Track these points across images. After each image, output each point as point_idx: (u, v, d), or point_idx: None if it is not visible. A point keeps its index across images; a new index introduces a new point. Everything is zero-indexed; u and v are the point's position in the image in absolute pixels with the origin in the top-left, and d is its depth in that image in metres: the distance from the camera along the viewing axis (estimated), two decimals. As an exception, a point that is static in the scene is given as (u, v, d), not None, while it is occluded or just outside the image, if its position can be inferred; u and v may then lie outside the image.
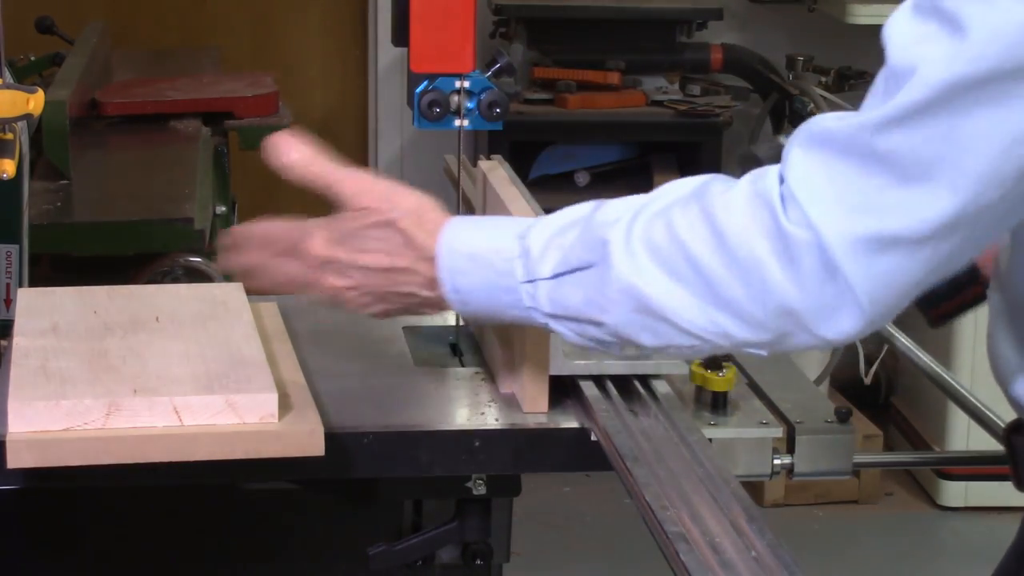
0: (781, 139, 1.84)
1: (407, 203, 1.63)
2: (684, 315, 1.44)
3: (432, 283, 1.59)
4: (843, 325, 1.40)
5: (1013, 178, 1.33)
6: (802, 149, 1.39)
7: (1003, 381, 1.60)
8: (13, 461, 1.63)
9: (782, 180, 1.39)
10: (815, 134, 1.39)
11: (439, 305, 1.62)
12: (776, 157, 1.60)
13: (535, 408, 1.83)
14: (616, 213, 1.48)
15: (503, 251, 1.54)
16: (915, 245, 1.36)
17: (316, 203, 1.74)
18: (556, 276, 1.51)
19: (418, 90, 1.94)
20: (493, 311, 1.57)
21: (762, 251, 1.39)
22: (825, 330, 1.40)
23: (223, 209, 3.56)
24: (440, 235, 1.58)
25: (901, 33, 1.35)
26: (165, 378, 1.73)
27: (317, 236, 1.67)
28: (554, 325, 1.53)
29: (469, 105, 1.94)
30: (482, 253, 1.56)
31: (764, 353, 1.47)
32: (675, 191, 1.47)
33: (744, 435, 1.83)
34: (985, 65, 1.30)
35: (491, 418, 1.84)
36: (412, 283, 1.61)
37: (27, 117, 1.92)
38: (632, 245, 1.45)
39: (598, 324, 1.50)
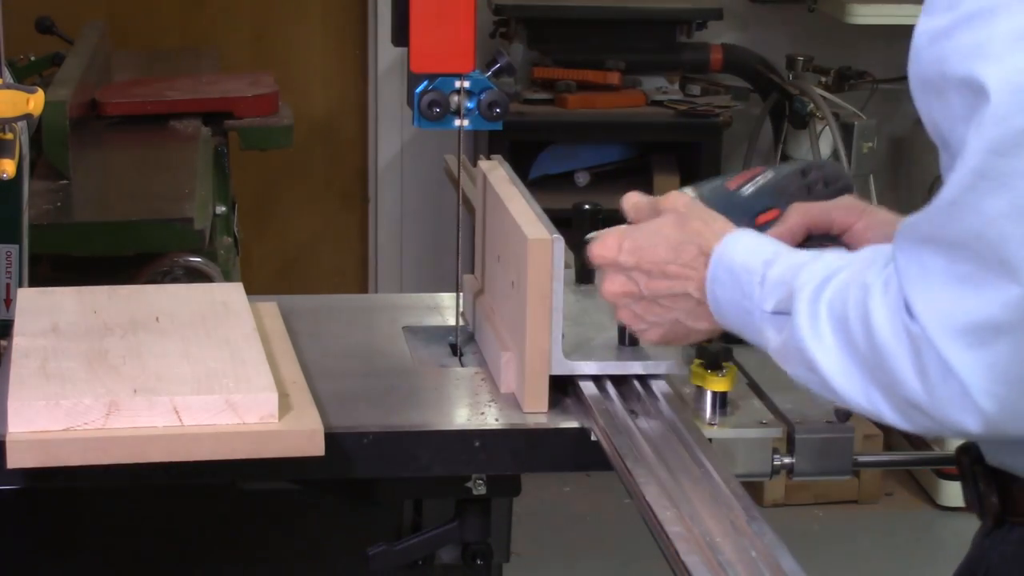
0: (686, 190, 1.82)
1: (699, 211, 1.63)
2: (842, 382, 1.43)
3: (703, 286, 1.57)
4: (967, 422, 1.36)
5: None
6: (898, 244, 1.38)
7: None
8: (13, 461, 1.63)
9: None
10: (904, 227, 1.38)
11: (708, 319, 1.60)
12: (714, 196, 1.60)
13: (535, 408, 1.83)
14: (815, 273, 1.48)
15: (752, 271, 1.53)
16: (1007, 332, 1.32)
17: (316, 204, 1.73)
18: (774, 313, 1.50)
19: (418, 90, 1.94)
20: (742, 328, 1.55)
21: (894, 345, 1.37)
22: (956, 423, 1.37)
23: (223, 209, 3.56)
24: (720, 241, 1.57)
25: (928, 110, 1.35)
26: (165, 378, 1.73)
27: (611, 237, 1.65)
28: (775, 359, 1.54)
29: (469, 105, 1.94)
30: (736, 269, 1.54)
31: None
32: (860, 264, 1.45)
33: (744, 435, 1.83)
34: (1017, 122, 1.27)
35: (491, 418, 1.84)
36: (688, 284, 1.59)
37: (27, 117, 1.92)
38: (814, 307, 1.45)
39: (785, 367, 1.51)
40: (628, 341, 1.89)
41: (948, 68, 1.31)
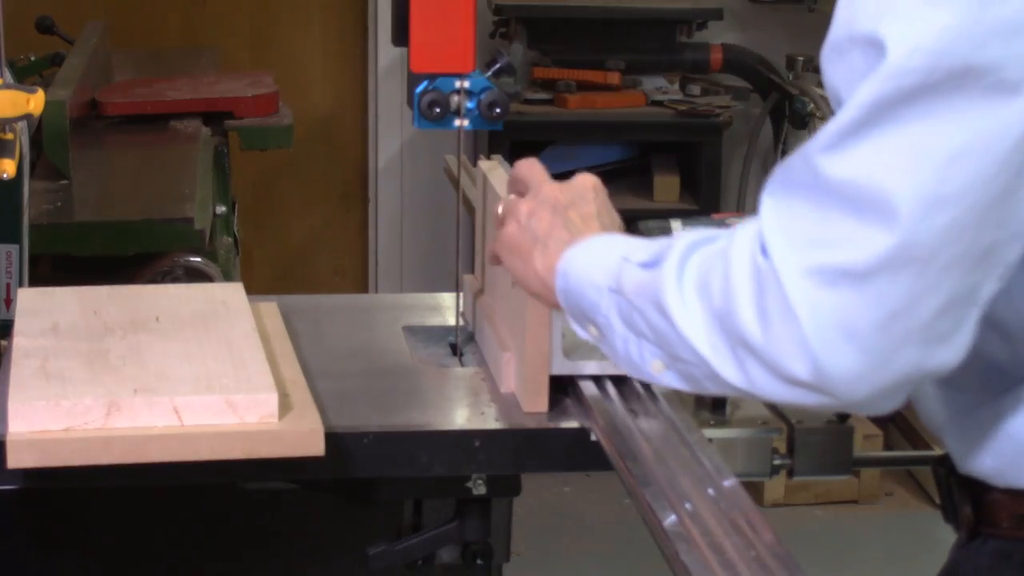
0: (672, 222, 1.83)
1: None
2: (690, 329, 1.42)
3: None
4: (797, 368, 1.33)
5: (959, 200, 1.27)
6: (767, 189, 1.36)
7: (925, 416, 1.58)
8: (13, 461, 1.63)
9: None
10: (776, 172, 1.36)
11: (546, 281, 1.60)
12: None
13: (535, 408, 1.83)
14: (697, 233, 1.47)
15: (617, 248, 1.54)
16: (861, 280, 1.29)
17: (316, 204, 1.73)
18: (640, 264, 1.49)
19: (418, 90, 1.94)
20: (585, 283, 1.55)
21: (741, 282, 1.35)
22: (786, 369, 1.33)
23: (223, 209, 3.56)
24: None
25: (831, 74, 1.33)
26: (165, 378, 1.73)
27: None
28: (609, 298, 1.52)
29: (469, 105, 1.94)
30: (598, 249, 1.56)
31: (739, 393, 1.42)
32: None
33: (744, 435, 1.83)
34: (909, 80, 1.25)
35: (491, 418, 1.84)
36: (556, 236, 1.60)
37: (27, 117, 1.92)
38: (686, 255, 1.44)
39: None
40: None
41: (855, 27, 1.30)
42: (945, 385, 1.52)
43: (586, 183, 1.68)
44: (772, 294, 1.32)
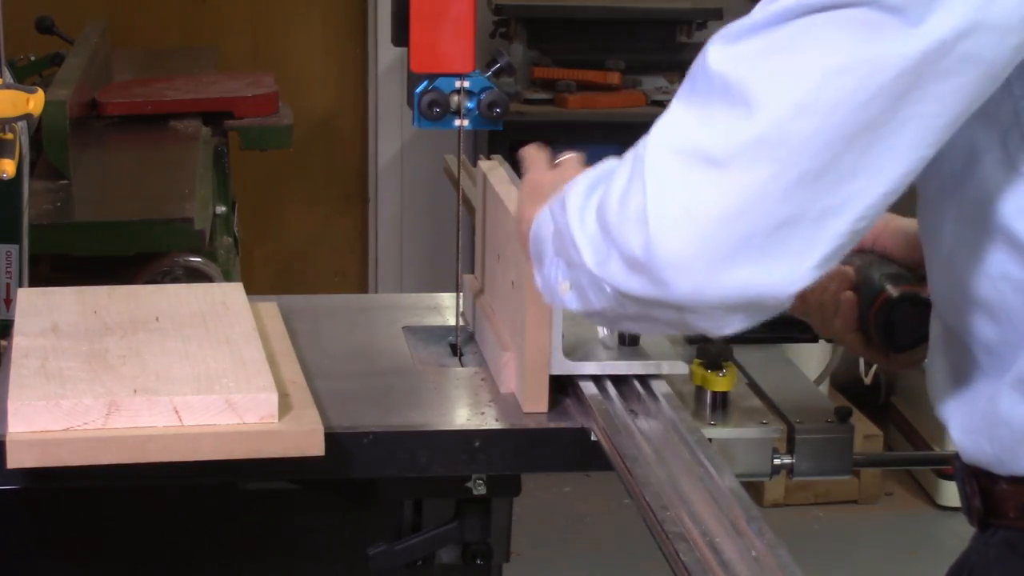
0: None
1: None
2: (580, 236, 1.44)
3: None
4: (633, 241, 1.34)
5: (827, 114, 1.28)
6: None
7: (934, 403, 1.58)
8: (13, 461, 1.63)
9: None
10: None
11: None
12: None
13: (535, 408, 1.83)
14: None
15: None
16: (714, 164, 1.31)
17: (316, 204, 1.73)
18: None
19: (418, 90, 1.94)
20: (543, 221, 1.57)
21: (621, 171, 1.40)
22: (625, 243, 1.35)
23: (223, 209, 3.56)
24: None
25: None
26: (165, 378, 1.73)
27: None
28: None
29: (469, 105, 1.94)
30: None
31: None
32: None
33: (744, 435, 1.83)
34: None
35: (491, 418, 1.84)
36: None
37: (27, 117, 1.92)
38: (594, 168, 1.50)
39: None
40: (628, 341, 1.89)
41: None
42: (950, 371, 1.52)
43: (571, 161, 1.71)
44: (636, 172, 1.36)
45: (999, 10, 1.26)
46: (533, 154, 1.76)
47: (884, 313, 1.67)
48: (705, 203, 1.32)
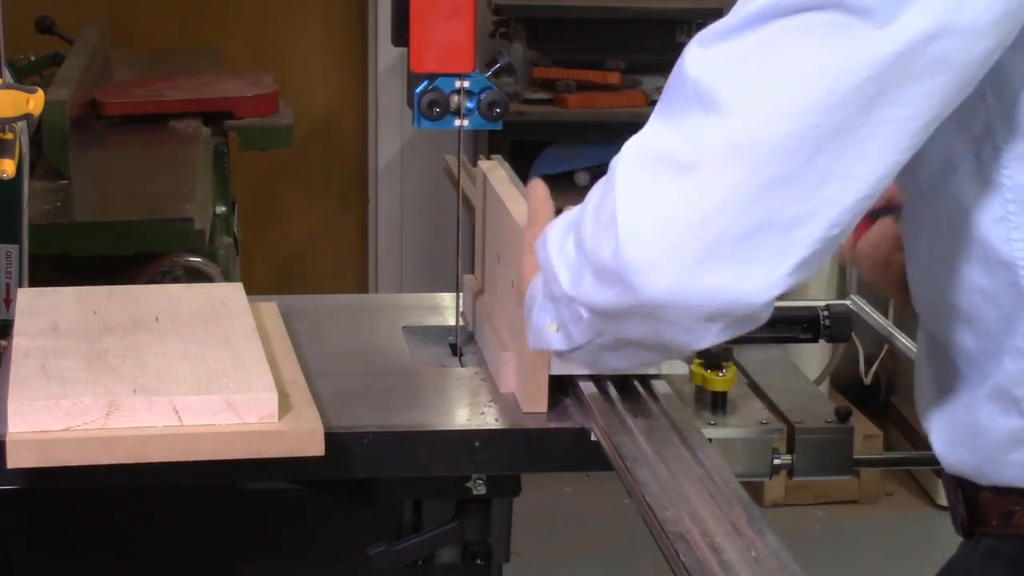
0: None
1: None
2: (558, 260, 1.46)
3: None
4: (604, 248, 1.35)
5: (798, 118, 1.28)
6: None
7: (920, 413, 1.58)
8: (13, 461, 1.63)
9: None
10: None
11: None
12: None
13: (535, 408, 1.83)
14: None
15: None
16: (684, 170, 1.31)
17: (316, 204, 1.73)
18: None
19: (418, 90, 1.94)
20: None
21: (596, 189, 1.41)
22: (597, 252, 1.36)
23: (223, 209, 3.56)
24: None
25: None
26: (165, 378, 1.73)
27: None
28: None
29: (469, 105, 1.94)
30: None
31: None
32: None
33: (744, 435, 1.83)
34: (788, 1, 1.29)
35: (491, 418, 1.84)
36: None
37: (27, 117, 1.92)
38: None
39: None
40: (628, 341, 1.89)
41: None
42: (933, 380, 1.52)
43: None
44: (608, 185, 1.37)
45: (969, 13, 1.26)
46: (536, 199, 1.75)
47: None
48: (674, 207, 1.32)
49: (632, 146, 1.37)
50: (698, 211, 1.31)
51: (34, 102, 1.90)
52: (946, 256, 1.44)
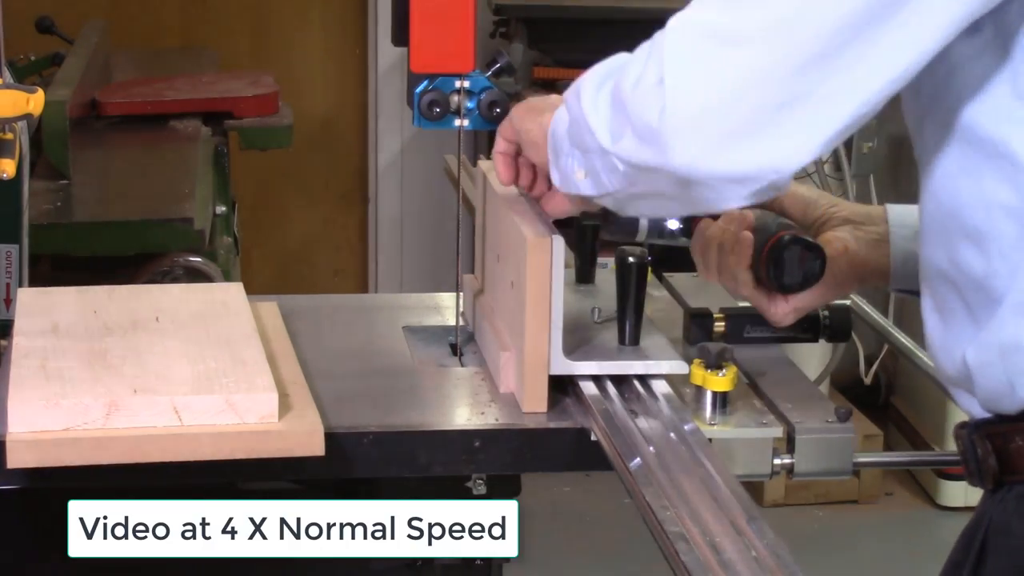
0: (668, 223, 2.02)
1: None
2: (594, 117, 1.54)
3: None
4: (650, 110, 1.43)
5: (837, 4, 1.37)
6: None
7: (942, 369, 1.62)
8: (13, 461, 1.63)
9: None
10: None
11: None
12: None
13: (535, 408, 1.83)
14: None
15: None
16: (733, 42, 1.40)
17: (316, 204, 1.74)
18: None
19: (418, 90, 1.94)
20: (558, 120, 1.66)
21: (639, 53, 1.51)
22: (642, 115, 1.44)
23: (223, 209, 3.56)
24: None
25: None
26: (165, 378, 1.73)
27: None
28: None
29: (469, 105, 1.94)
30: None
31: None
32: None
33: (744, 435, 1.83)
34: None
35: (491, 418, 1.84)
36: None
37: (27, 117, 1.92)
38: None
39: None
40: (628, 341, 1.89)
41: None
42: (946, 322, 1.56)
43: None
44: (654, 52, 1.46)
45: None
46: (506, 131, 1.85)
47: (777, 251, 1.79)
48: (721, 76, 1.41)
49: (680, 19, 1.47)
50: (743, 81, 1.40)
51: (34, 102, 1.90)
52: (957, 167, 1.51)
